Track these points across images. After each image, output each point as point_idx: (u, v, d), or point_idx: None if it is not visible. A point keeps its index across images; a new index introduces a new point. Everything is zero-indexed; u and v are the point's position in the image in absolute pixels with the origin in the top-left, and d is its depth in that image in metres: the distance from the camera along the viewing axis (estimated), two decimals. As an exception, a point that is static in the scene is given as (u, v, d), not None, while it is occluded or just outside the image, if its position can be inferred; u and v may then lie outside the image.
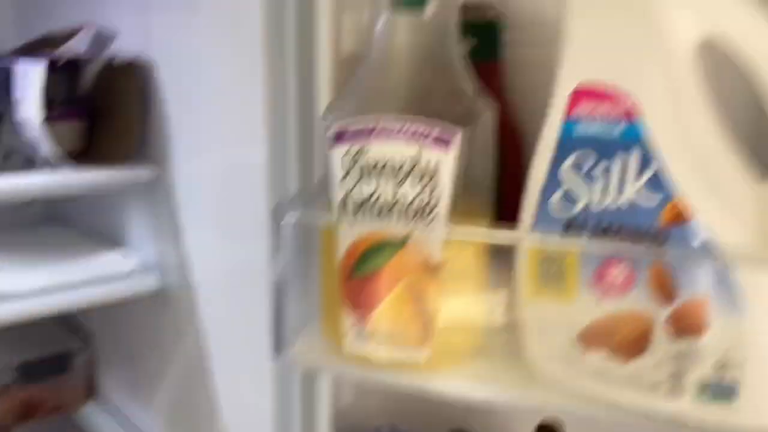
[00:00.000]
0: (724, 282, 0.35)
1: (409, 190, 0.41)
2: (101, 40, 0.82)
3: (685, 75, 0.37)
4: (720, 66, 0.37)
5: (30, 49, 0.80)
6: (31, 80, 0.70)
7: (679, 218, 0.36)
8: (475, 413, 0.55)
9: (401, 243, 0.41)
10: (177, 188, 0.75)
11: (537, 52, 0.53)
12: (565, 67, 0.39)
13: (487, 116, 0.42)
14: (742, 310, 0.35)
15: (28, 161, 0.78)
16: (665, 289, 0.36)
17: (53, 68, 0.85)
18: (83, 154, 0.80)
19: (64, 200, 0.95)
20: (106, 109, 0.80)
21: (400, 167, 0.40)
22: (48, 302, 0.73)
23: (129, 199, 0.84)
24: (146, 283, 0.79)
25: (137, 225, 0.84)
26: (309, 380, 0.62)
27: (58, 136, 0.76)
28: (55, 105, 0.83)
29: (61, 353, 0.97)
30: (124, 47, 0.77)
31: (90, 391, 1.01)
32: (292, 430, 0.66)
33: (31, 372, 0.93)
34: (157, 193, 0.78)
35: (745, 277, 0.34)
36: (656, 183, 0.36)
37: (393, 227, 0.41)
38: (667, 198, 0.36)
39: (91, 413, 0.99)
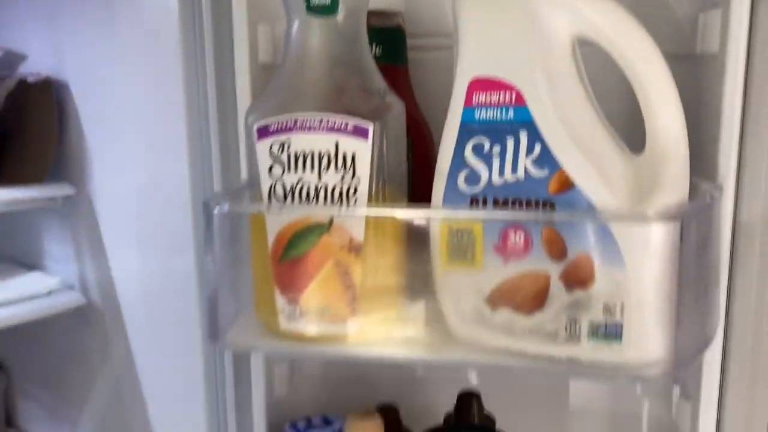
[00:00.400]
0: (605, 238, 0.41)
1: (331, 178, 0.45)
2: (11, 59, 0.81)
3: (563, 66, 0.43)
4: (595, 57, 0.44)
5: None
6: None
7: (564, 187, 0.42)
8: (401, 393, 0.60)
9: (326, 226, 0.45)
10: (96, 205, 0.76)
11: (435, 56, 0.60)
12: (460, 64, 0.44)
13: (398, 110, 0.47)
14: (621, 262, 0.41)
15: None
16: (557, 248, 0.42)
17: (-40, 90, 0.84)
18: (-5, 176, 0.79)
19: None
20: (17, 130, 0.80)
21: (321, 157, 0.45)
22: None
23: (46, 218, 0.84)
24: (68, 300, 0.79)
25: (55, 244, 0.84)
26: (242, 376, 0.65)
27: (-32, 158, 0.75)
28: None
29: (-23, 383, 0.94)
30: (35, 67, 0.78)
31: (8, 420, 0.99)
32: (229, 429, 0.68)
33: (-55, 404, 0.90)
34: (76, 211, 0.78)
35: (621, 233, 0.41)
36: (543, 159, 0.42)
37: (318, 212, 0.45)
38: (553, 171, 0.42)
39: (11, 443, 0.96)
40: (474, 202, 0.44)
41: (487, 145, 0.43)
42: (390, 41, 0.55)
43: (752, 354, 0.52)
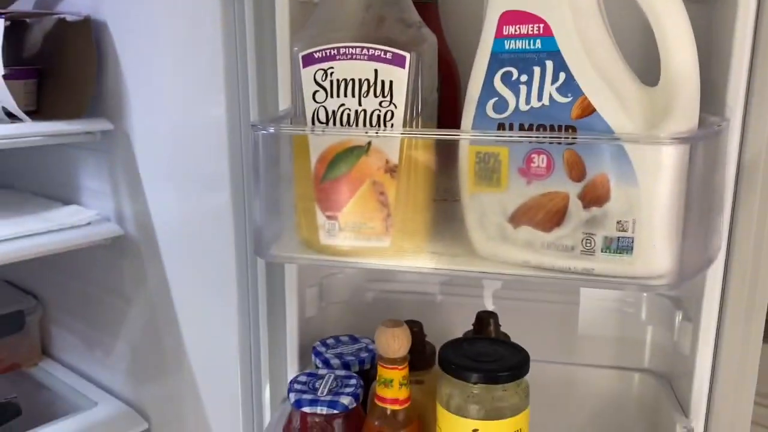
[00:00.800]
0: (621, 160, 0.45)
1: (369, 104, 0.49)
2: (47, 1, 0.85)
3: (587, 2, 0.47)
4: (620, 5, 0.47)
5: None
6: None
7: (585, 112, 0.46)
8: (421, 317, 0.64)
9: (365, 149, 0.49)
10: (133, 140, 0.79)
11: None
12: (492, -1, 0.48)
13: (431, 42, 0.50)
14: (635, 181, 0.45)
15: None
16: (577, 170, 0.46)
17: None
18: (35, 112, 0.83)
19: (20, 158, 0.96)
20: (56, 68, 0.83)
21: (362, 84, 0.48)
22: (12, 250, 0.76)
23: (82, 154, 0.88)
24: (106, 230, 0.83)
25: (92, 180, 0.88)
26: (275, 299, 0.69)
27: (13, 94, 0.79)
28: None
29: (15, 312, 0.99)
30: (75, 6, 0.81)
31: (43, 349, 1.04)
32: (261, 349, 0.73)
33: (-15, 331, 0.96)
34: (113, 146, 0.81)
35: (636, 155, 0.45)
36: (567, 86, 0.46)
37: (357, 135, 0.49)
38: (576, 97, 0.46)
39: (47, 368, 1.02)
40: (501, 127, 0.48)
41: (515, 74, 0.47)
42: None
43: (751, 279, 0.56)
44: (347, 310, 0.74)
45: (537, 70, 0.47)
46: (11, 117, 0.77)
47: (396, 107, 0.49)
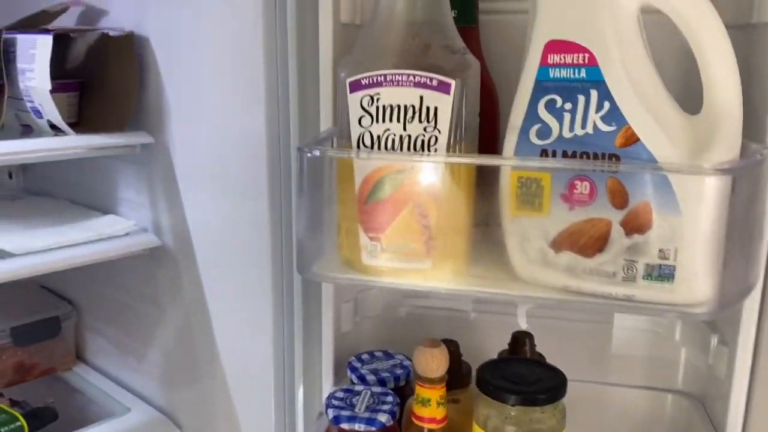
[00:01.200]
0: (664, 189, 0.45)
1: (414, 129, 0.50)
2: (92, 14, 0.87)
3: (630, 32, 0.48)
4: (659, 25, 0.48)
5: (24, 25, 0.85)
6: (39, 51, 0.75)
7: (629, 141, 0.46)
8: (454, 335, 0.65)
9: (408, 172, 0.50)
10: (173, 153, 0.81)
11: (504, 18, 0.64)
12: (538, 27, 0.49)
13: (475, 68, 0.51)
14: (677, 210, 0.45)
15: (25, 129, 0.83)
16: (620, 197, 0.47)
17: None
18: (75, 125, 0.85)
19: (59, 167, 0.98)
20: (98, 81, 0.85)
21: (407, 110, 0.49)
22: (54, 260, 0.77)
23: (122, 166, 0.89)
24: (144, 241, 0.85)
25: (130, 191, 0.89)
26: (311, 313, 0.71)
27: (56, 107, 0.81)
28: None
29: (51, 318, 1.01)
30: (118, 22, 0.82)
31: (78, 354, 1.07)
32: (295, 361, 0.74)
33: (23, 336, 0.98)
34: (153, 159, 0.83)
35: (679, 184, 0.45)
36: (611, 115, 0.47)
37: (402, 159, 0.50)
38: (620, 127, 0.46)
39: (81, 373, 1.04)
40: (544, 153, 0.49)
41: (559, 102, 0.48)
42: (464, 3, 0.59)
43: (788, 304, 0.56)
44: (381, 324, 0.75)
45: (581, 98, 0.47)
46: (54, 129, 0.79)
47: (440, 133, 0.50)
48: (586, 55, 0.47)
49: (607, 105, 0.46)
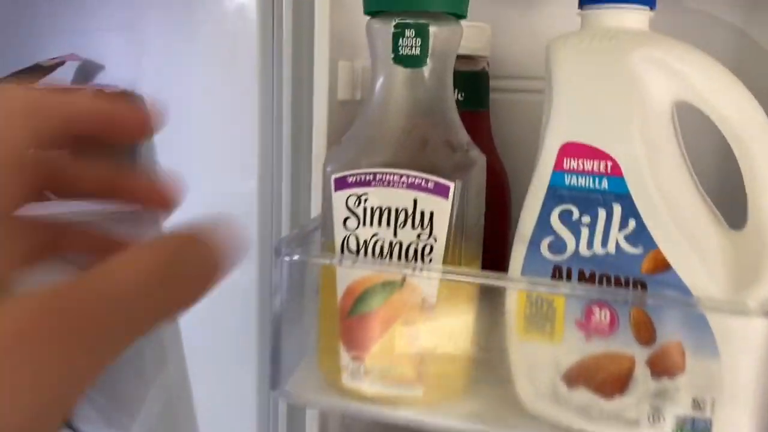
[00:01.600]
0: (699, 327, 0.38)
1: (406, 235, 0.43)
2: (89, 69, 0.83)
3: (662, 135, 0.41)
4: (691, 122, 0.41)
5: (17, 80, 0.81)
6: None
7: (658, 267, 0.39)
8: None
9: (398, 284, 0.43)
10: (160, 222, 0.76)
11: (518, 98, 0.57)
12: (552, 125, 0.42)
13: (480, 165, 0.45)
14: (715, 353, 0.38)
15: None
16: (646, 332, 0.39)
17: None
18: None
19: None
20: (90, 144, 0.81)
21: (399, 214, 0.43)
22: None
23: (111, 226, 0.84)
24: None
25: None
26: (296, 415, 0.63)
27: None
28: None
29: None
30: (114, 78, 0.78)
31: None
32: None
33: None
34: (139, 227, 0.78)
35: (718, 322, 0.38)
36: (637, 235, 0.39)
37: (391, 270, 0.43)
38: (647, 249, 0.39)
39: (65, 442, 0.98)
40: (557, 270, 0.42)
41: (576, 214, 0.41)
42: (473, 86, 0.53)
43: None
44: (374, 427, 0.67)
45: (602, 212, 0.40)
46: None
47: (436, 241, 0.43)
48: (609, 163, 0.40)
49: (632, 223, 0.39)
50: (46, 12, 0.89)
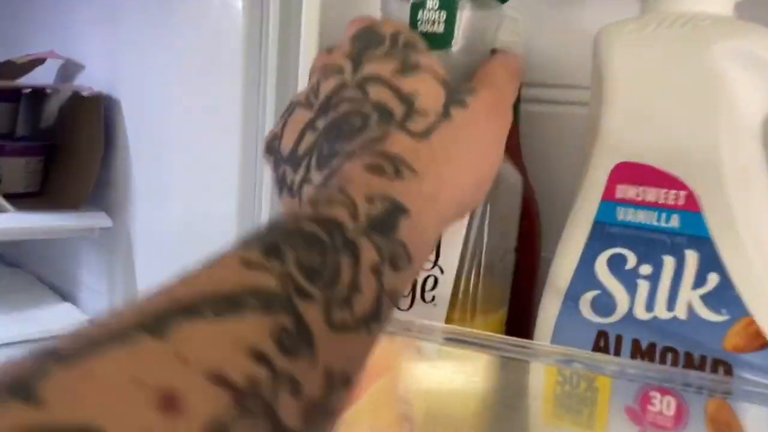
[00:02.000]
0: (808, 431, 0.27)
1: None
2: (69, 69, 0.74)
3: (753, 157, 0.30)
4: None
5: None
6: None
7: (751, 343, 0.28)
8: None
9: (388, 333, 0.33)
10: (134, 239, 0.67)
11: (552, 110, 0.47)
12: (602, 138, 0.31)
13: (511, 185, 0.34)
14: (830, 470, 0.26)
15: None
16: (728, 431, 0.28)
17: (16, 98, 0.77)
18: (37, 195, 0.72)
19: (10, 246, 0.86)
20: (67, 145, 0.72)
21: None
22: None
23: (83, 245, 0.75)
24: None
25: (90, 275, 0.76)
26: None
27: (12, 172, 0.68)
28: (16, 138, 0.76)
29: None
30: (92, 79, 0.70)
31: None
32: None
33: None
34: (113, 243, 0.69)
35: (836, 426, 0.26)
36: (720, 297, 0.28)
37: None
38: (735, 316, 0.28)
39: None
40: (603, 338, 0.31)
41: (631, 261, 0.30)
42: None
43: None
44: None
45: (669, 261, 0.29)
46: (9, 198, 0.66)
47: (443, 272, 0.32)
48: (682, 192, 0.29)
49: (714, 279, 0.28)
50: (27, 6, 0.81)
